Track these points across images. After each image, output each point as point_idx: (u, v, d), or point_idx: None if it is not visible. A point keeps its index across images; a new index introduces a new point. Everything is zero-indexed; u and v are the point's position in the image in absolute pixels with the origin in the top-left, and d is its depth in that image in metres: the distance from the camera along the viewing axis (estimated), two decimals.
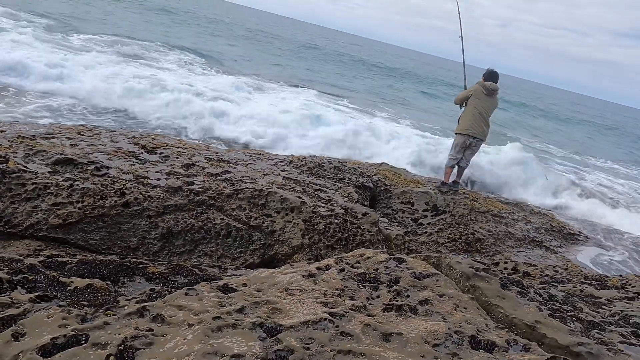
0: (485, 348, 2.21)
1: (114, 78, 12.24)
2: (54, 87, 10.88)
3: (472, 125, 6.44)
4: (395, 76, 38.87)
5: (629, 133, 44.17)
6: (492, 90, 6.36)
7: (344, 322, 2.10)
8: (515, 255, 5.50)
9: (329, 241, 4.60)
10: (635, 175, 20.56)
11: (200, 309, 2.07)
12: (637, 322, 3.43)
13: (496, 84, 6.37)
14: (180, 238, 4.23)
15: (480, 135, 6.48)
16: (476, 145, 6.54)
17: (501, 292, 3.12)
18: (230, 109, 12.17)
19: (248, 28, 45.66)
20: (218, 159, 5.62)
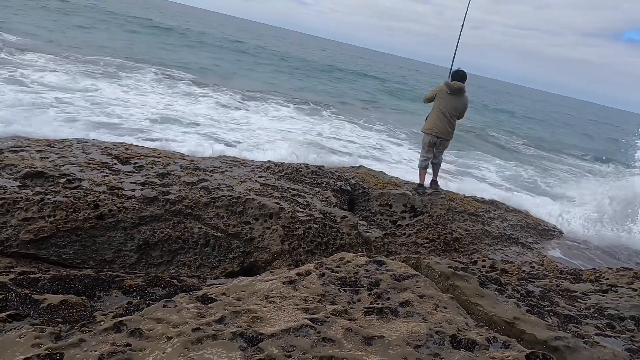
0: (466, 347, 2.23)
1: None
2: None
3: (436, 125, 6.50)
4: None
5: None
6: (457, 90, 6.37)
7: (325, 327, 2.09)
8: (492, 253, 5.58)
9: (308, 246, 4.59)
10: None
11: (179, 321, 2.04)
12: (612, 313, 3.52)
13: (462, 83, 6.37)
14: (158, 249, 4.16)
15: (444, 135, 6.52)
16: (442, 145, 6.62)
17: (480, 290, 3.16)
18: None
19: (218, 36, 44.81)
20: (194, 167, 5.56)
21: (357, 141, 14.91)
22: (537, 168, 17.70)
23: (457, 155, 15.27)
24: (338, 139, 14.32)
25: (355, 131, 16.52)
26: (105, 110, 11.10)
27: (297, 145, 10.71)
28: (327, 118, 18.05)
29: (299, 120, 15.88)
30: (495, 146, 21.03)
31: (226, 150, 9.24)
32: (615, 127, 60.56)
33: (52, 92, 11.59)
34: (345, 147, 13.52)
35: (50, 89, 11.94)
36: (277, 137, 12.13)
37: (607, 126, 60.98)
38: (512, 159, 18.57)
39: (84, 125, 9.45)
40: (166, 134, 10.17)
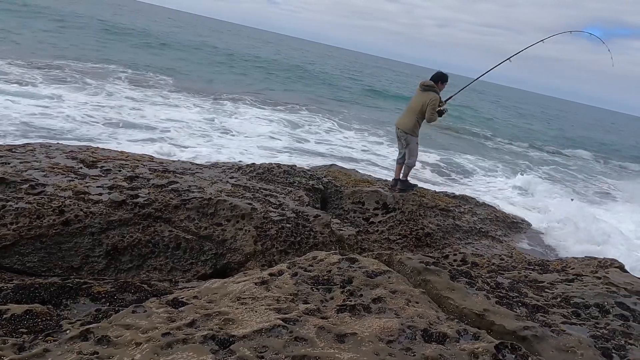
0: (438, 340, 2.27)
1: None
2: None
3: (398, 118, 6.89)
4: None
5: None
6: (424, 86, 6.62)
7: (297, 327, 2.09)
8: (463, 246, 5.69)
9: (281, 246, 4.57)
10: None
11: (149, 327, 2.00)
12: (577, 302, 3.63)
13: (433, 81, 6.59)
14: (127, 254, 4.07)
15: (400, 126, 6.77)
16: (401, 137, 6.79)
17: (451, 284, 3.22)
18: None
19: (195, 40, 43.64)
20: (163, 169, 5.47)
21: (330, 139, 14.95)
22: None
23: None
24: (309, 138, 14.31)
25: (327, 129, 16.56)
26: (67, 114, 10.78)
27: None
28: (301, 117, 18.03)
29: (271, 121, 15.80)
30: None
31: (198, 156, 9.13)
32: (573, 119, 63.16)
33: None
34: (319, 145, 13.55)
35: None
36: (252, 142, 12.01)
37: (567, 120, 63.32)
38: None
39: (45, 130, 9.16)
40: (128, 139, 9.95)
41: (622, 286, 4.18)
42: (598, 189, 16.68)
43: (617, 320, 3.27)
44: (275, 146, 11.96)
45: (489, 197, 9.99)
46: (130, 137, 10.14)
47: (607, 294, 3.78)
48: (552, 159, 22.96)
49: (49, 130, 9.39)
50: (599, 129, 55.68)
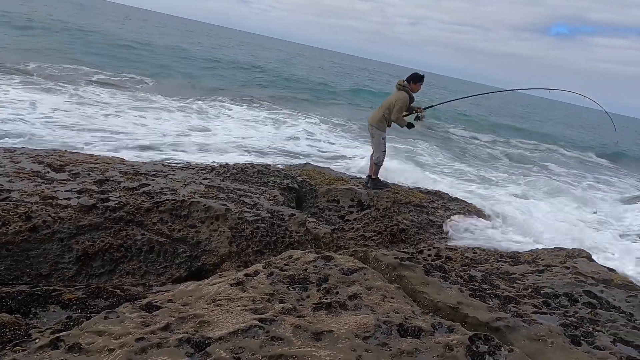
0: (413, 334, 2.30)
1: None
2: None
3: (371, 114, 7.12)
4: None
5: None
6: (398, 85, 6.81)
7: (274, 326, 2.09)
8: (437, 241, 5.77)
9: (257, 246, 4.55)
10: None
11: (122, 332, 1.96)
12: (547, 292, 3.73)
13: (406, 80, 6.73)
14: (98, 259, 3.99)
15: (369, 120, 6.99)
16: (370, 132, 6.95)
17: (425, 278, 3.26)
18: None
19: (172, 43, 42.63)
20: (134, 172, 5.37)
21: (306, 138, 14.94)
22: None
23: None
24: (286, 137, 14.26)
25: (302, 128, 16.54)
26: (33, 118, 10.45)
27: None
28: (277, 115, 17.96)
29: (250, 121, 15.69)
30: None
31: (173, 158, 8.98)
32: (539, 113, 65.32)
33: None
34: (295, 144, 13.52)
35: None
36: (230, 142, 11.88)
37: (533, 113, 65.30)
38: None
39: (14, 135, 8.86)
40: (101, 143, 9.71)
41: (590, 275, 4.32)
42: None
43: (585, 308, 3.38)
44: (252, 146, 11.87)
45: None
46: (103, 141, 9.90)
47: (576, 283, 3.90)
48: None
49: (18, 135, 9.09)
50: (560, 123, 57.39)
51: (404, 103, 6.57)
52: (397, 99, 6.60)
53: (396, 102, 6.59)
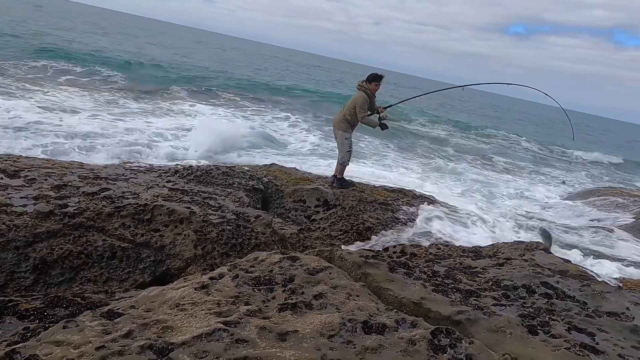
0: (377, 331, 2.34)
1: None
2: None
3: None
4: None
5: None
6: (358, 85, 6.94)
7: (238, 329, 2.08)
8: (402, 238, 5.87)
9: (223, 249, 4.52)
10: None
11: (82, 342, 1.92)
12: (507, 284, 3.86)
13: (365, 80, 6.83)
14: (57, 267, 3.87)
15: (334, 123, 7.12)
16: (334, 133, 7.06)
17: (390, 275, 3.32)
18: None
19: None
20: (94, 176, 5.23)
21: (273, 137, 14.90)
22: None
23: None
24: (256, 138, 14.18)
25: (273, 128, 16.50)
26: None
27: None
28: (248, 115, 17.84)
29: (225, 120, 15.54)
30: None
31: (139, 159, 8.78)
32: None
33: None
34: (263, 144, 13.47)
35: None
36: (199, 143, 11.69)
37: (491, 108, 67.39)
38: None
39: None
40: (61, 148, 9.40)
41: (547, 267, 4.50)
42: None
43: (542, 299, 3.51)
44: (219, 147, 11.76)
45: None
46: (65, 145, 9.59)
47: (534, 275, 4.05)
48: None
49: None
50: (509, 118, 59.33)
51: (363, 102, 6.66)
52: (356, 100, 6.71)
53: (355, 103, 6.69)
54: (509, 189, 14.65)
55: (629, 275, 5.96)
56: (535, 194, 14.83)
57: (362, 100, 6.65)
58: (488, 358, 2.22)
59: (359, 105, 6.65)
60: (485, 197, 12.25)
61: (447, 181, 13.71)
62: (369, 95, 6.75)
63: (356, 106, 6.66)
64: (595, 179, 21.49)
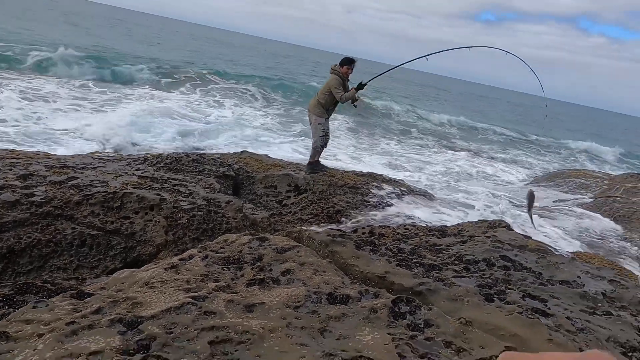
0: (341, 301, 2.46)
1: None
2: None
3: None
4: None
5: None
6: (331, 69, 7.00)
7: (207, 302, 2.17)
8: (371, 220, 6.01)
9: (194, 234, 4.56)
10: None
11: (52, 319, 1.97)
12: (469, 259, 4.04)
13: (337, 65, 6.90)
14: (26, 255, 3.85)
15: (308, 108, 7.16)
16: (309, 119, 7.14)
17: (356, 252, 3.45)
18: None
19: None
20: (61, 165, 5.17)
21: (243, 124, 14.85)
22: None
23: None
24: (222, 125, 14.11)
25: (239, 114, 16.41)
26: None
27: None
28: (209, 103, 17.66)
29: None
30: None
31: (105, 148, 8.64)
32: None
33: None
34: (232, 131, 13.42)
35: None
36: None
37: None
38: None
39: None
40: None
41: (507, 242, 4.70)
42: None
43: (500, 271, 3.70)
44: (191, 139, 11.70)
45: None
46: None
47: (494, 250, 4.25)
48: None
49: None
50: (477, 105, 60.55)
51: (337, 83, 6.75)
52: (329, 83, 6.79)
53: (330, 85, 6.77)
54: (474, 172, 15.04)
55: (584, 249, 6.27)
56: (504, 176, 15.27)
57: (335, 82, 6.74)
58: (444, 322, 2.37)
59: (334, 86, 6.72)
60: (452, 179, 12.55)
61: (409, 165, 13.98)
62: (342, 77, 6.84)
63: (331, 88, 6.73)
64: (565, 162, 22.22)
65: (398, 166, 13.33)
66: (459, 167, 15.26)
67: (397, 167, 13.05)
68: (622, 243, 7.18)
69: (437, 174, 13.14)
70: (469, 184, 11.05)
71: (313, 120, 6.94)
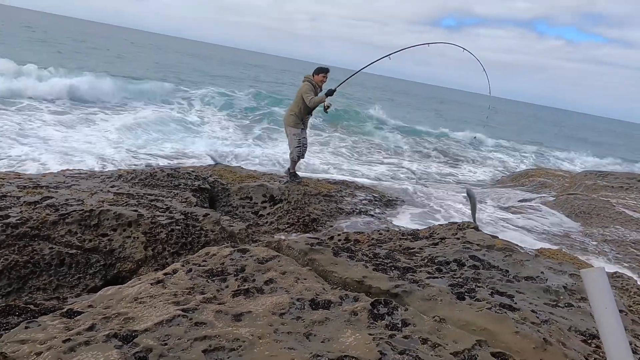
0: (323, 306, 2.60)
1: None
2: None
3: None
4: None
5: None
6: (304, 78, 7.18)
7: (196, 314, 2.27)
8: (346, 227, 6.19)
9: (173, 248, 4.62)
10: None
11: (46, 337, 2.04)
12: (440, 260, 4.25)
13: (311, 74, 7.08)
14: (4, 278, 3.85)
15: (284, 120, 7.35)
16: (285, 131, 7.26)
17: (334, 259, 3.60)
18: None
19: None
20: (34, 185, 5.15)
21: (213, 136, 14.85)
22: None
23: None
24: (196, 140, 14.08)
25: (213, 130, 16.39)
26: None
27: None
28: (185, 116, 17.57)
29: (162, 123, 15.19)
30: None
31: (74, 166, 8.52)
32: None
33: None
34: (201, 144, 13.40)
35: None
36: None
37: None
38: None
39: None
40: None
41: (476, 242, 4.95)
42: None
43: (470, 270, 3.92)
44: (161, 150, 11.63)
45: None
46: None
47: (463, 250, 4.47)
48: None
49: None
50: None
51: (308, 89, 6.89)
52: (300, 89, 6.96)
53: (301, 91, 6.94)
54: (442, 173, 15.48)
55: (548, 245, 6.62)
56: (470, 176, 15.75)
57: (306, 88, 6.90)
58: (420, 321, 2.54)
59: (304, 91, 6.87)
60: (419, 183, 12.88)
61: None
62: (314, 85, 6.99)
63: (302, 94, 6.87)
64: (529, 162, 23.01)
65: (363, 173, 13.58)
66: (422, 171, 15.66)
67: (360, 174, 13.28)
68: (583, 238, 7.58)
69: (407, 178, 13.45)
70: (437, 186, 11.39)
71: (288, 132, 7.09)
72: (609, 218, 8.93)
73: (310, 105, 6.91)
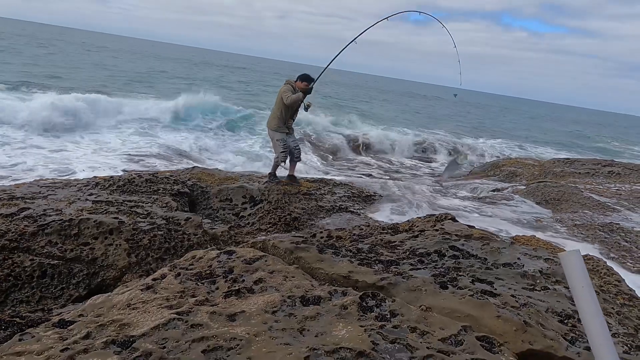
0: (314, 302, 2.67)
1: None
2: None
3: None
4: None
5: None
6: (285, 82, 7.20)
7: (191, 316, 2.31)
8: (327, 224, 6.27)
9: (157, 254, 4.62)
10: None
11: (43, 348, 2.05)
12: (422, 252, 4.38)
13: (292, 80, 7.13)
14: None
15: (267, 125, 7.37)
16: (269, 136, 7.27)
17: (319, 256, 3.68)
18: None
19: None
20: (9, 197, 5.06)
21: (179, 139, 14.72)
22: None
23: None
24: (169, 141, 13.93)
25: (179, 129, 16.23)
26: None
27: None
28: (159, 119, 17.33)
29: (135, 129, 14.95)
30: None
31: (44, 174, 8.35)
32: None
33: None
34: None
35: None
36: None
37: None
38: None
39: None
40: None
41: (454, 233, 5.10)
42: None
43: (450, 260, 4.05)
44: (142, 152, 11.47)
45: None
46: None
47: (443, 241, 4.61)
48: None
49: None
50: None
51: (286, 89, 6.94)
52: (280, 91, 6.99)
53: (280, 93, 6.98)
54: (415, 167, 15.74)
55: (522, 232, 6.85)
56: (442, 171, 16.06)
57: (285, 88, 6.94)
58: (408, 311, 2.64)
59: (283, 91, 6.90)
60: (398, 179, 13.11)
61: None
62: (294, 88, 7.02)
63: (282, 95, 6.91)
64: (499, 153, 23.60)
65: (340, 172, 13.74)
66: (399, 165, 15.91)
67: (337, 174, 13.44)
68: (554, 224, 7.87)
69: (381, 175, 13.64)
70: (413, 180, 11.61)
71: (272, 136, 7.13)
72: (577, 203, 9.28)
73: (287, 102, 6.93)
